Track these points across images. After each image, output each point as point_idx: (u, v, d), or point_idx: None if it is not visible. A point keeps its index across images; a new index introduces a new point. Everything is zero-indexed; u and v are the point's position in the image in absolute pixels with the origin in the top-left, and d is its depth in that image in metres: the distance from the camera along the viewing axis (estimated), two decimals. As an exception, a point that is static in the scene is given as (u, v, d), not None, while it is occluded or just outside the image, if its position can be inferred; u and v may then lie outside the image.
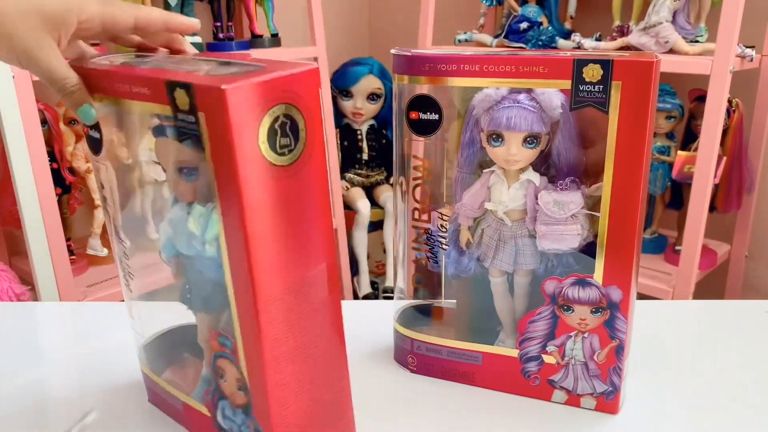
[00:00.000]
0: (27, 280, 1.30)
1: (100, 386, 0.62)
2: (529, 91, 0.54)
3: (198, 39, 1.57)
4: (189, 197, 0.47)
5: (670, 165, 1.49)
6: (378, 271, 2.12)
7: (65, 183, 1.35)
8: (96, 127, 0.49)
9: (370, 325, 0.72)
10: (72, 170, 1.38)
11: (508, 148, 0.56)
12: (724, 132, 1.39)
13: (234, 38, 1.68)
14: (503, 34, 1.70)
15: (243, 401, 0.47)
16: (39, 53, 0.45)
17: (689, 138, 1.49)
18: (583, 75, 0.51)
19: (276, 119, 0.39)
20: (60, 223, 1.22)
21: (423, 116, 0.58)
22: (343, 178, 1.99)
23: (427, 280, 0.63)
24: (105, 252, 1.45)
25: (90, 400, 0.60)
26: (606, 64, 0.50)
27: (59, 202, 1.29)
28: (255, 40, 1.67)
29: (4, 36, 0.44)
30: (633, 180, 0.52)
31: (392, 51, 0.57)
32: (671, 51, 1.41)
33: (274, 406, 0.44)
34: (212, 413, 0.51)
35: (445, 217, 0.60)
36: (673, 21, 1.40)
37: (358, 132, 2.01)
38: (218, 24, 1.67)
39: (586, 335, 0.56)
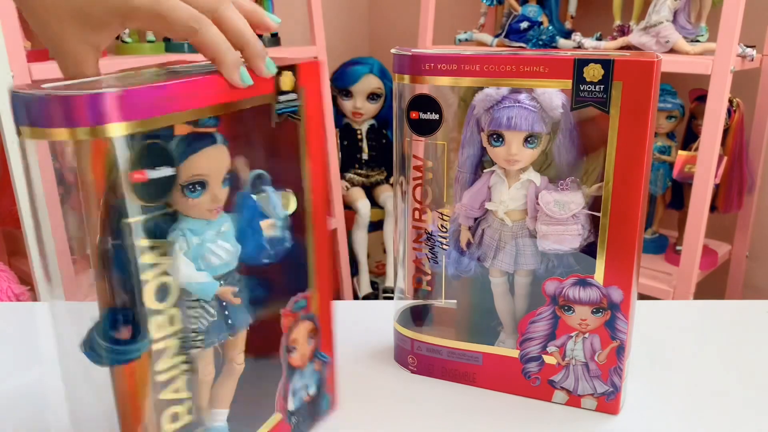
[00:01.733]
0: (27, 280, 1.30)
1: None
2: (529, 90, 0.54)
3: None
4: (220, 206, 0.45)
5: (671, 165, 1.49)
6: (378, 271, 2.12)
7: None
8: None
9: (370, 325, 0.72)
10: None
11: (509, 148, 0.56)
12: (725, 132, 1.39)
13: (234, 38, 1.68)
14: (503, 34, 1.70)
15: (313, 347, 0.54)
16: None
17: (690, 138, 1.49)
18: (584, 75, 0.51)
19: None
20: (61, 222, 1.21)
21: (423, 116, 0.57)
22: (343, 178, 1.99)
23: (427, 280, 0.63)
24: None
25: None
26: (607, 64, 0.50)
27: (59, 201, 1.29)
28: (255, 40, 1.67)
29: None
30: (634, 180, 0.52)
31: (392, 51, 0.57)
32: (672, 51, 1.40)
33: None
34: (285, 408, 0.52)
35: (445, 217, 0.60)
36: (674, 21, 1.40)
37: (358, 132, 2.01)
38: (218, 24, 1.66)
39: (586, 336, 0.56)
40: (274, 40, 1.70)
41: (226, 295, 0.46)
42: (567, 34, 1.62)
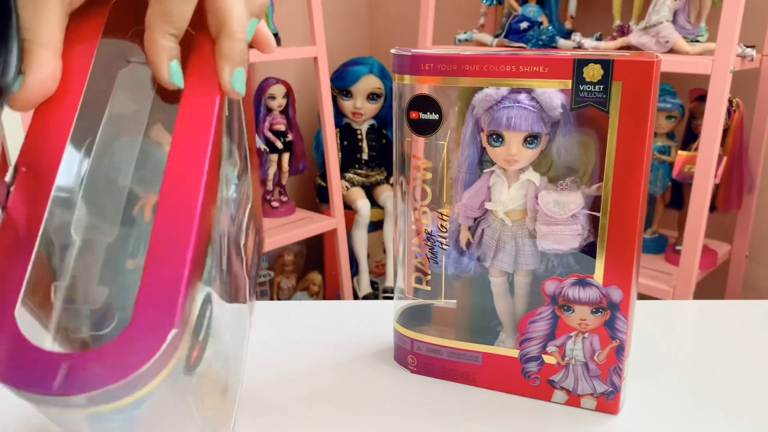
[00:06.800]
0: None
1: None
2: (529, 90, 0.54)
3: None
4: None
5: (671, 165, 1.49)
6: (378, 271, 2.12)
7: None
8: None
9: (370, 325, 0.72)
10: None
11: (509, 148, 0.56)
12: (725, 132, 1.39)
13: (234, 38, 1.68)
14: (503, 34, 1.70)
15: None
16: None
17: (690, 138, 1.49)
18: (584, 75, 0.51)
19: None
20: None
21: (423, 116, 0.57)
22: (343, 178, 1.99)
23: (427, 280, 0.63)
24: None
25: (89, 400, 0.60)
26: (606, 64, 0.50)
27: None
28: (255, 40, 1.67)
29: None
30: (633, 180, 0.52)
31: (392, 51, 0.57)
32: (672, 51, 1.41)
33: None
34: None
35: (445, 217, 0.60)
36: (674, 21, 1.40)
37: (358, 132, 2.01)
38: (218, 24, 1.66)
39: (586, 335, 0.56)
40: (275, 39, 1.70)
41: None
42: (567, 34, 1.62)
